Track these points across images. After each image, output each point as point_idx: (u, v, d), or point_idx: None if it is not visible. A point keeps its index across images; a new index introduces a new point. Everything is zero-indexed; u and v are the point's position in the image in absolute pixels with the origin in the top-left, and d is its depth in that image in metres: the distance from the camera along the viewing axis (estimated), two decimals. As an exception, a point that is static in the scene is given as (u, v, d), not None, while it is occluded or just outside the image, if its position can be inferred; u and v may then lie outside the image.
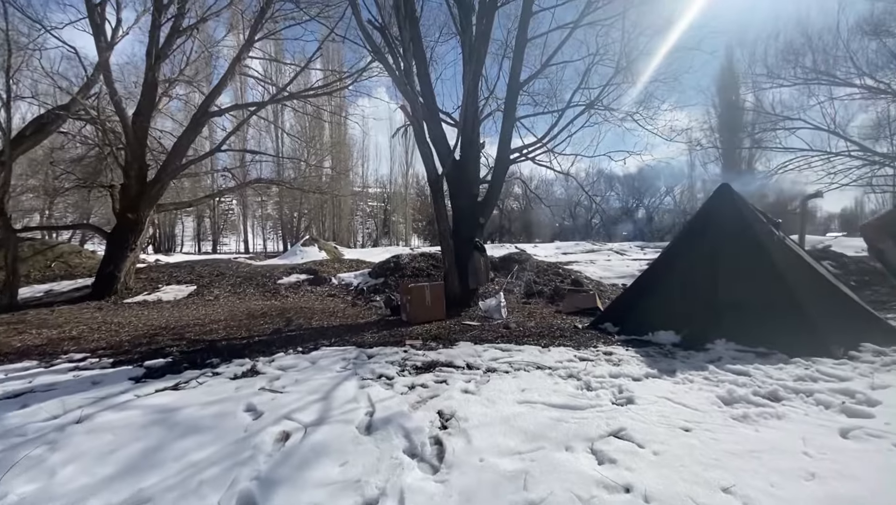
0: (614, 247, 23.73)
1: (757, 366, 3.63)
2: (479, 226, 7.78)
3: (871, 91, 11.03)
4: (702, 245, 5.10)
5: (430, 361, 4.18)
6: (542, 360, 4.12)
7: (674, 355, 4.19)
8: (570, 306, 7.50)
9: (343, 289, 10.29)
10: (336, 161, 24.03)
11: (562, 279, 10.75)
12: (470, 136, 7.80)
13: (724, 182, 5.39)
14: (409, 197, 40.47)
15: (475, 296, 7.72)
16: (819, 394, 2.98)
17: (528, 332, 5.54)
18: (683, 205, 48.87)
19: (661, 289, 5.30)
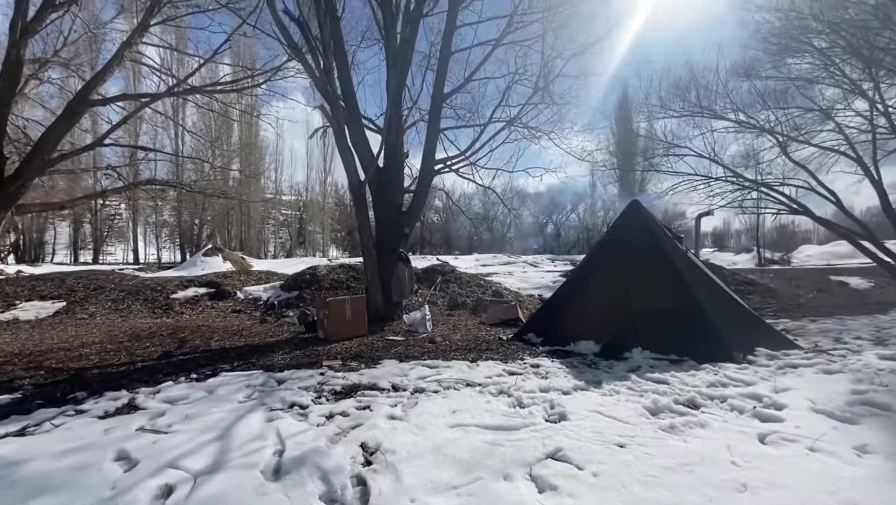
0: (528, 259, 24.80)
1: (673, 374, 3.77)
2: (403, 236, 7.49)
3: (741, 125, 12.72)
4: (617, 258, 5.31)
5: (351, 384, 3.76)
6: (471, 376, 3.91)
7: (597, 366, 4.24)
8: (494, 318, 7.48)
9: (250, 304, 9.32)
10: (246, 164, 22.24)
11: (483, 291, 10.80)
12: (394, 144, 7.52)
13: (634, 199, 5.72)
14: (328, 206, 38.88)
15: (399, 309, 7.38)
16: (732, 399, 3.13)
17: (454, 345, 5.33)
18: (586, 221, 53.04)
19: (580, 300, 5.42)
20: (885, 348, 4.32)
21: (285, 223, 40.23)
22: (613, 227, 5.71)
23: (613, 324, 4.86)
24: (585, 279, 5.57)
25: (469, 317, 8.34)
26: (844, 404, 2.95)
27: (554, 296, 5.94)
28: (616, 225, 5.70)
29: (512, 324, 7.21)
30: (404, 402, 3.31)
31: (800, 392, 3.19)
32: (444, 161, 8.65)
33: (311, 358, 4.83)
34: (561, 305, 5.61)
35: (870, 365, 3.71)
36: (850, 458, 2.31)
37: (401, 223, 7.50)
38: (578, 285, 5.61)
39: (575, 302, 5.44)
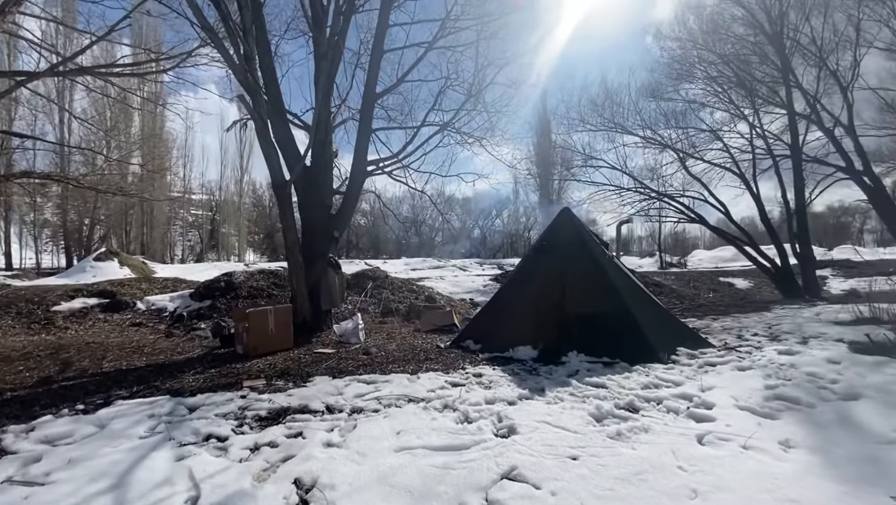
0: (458, 263, 25.03)
1: (609, 377, 3.85)
2: (333, 240, 7.03)
3: (648, 141, 13.89)
4: (550, 263, 5.39)
5: (278, 407, 3.33)
6: (413, 390, 3.67)
7: (537, 372, 4.22)
8: (429, 324, 7.29)
9: (154, 315, 8.21)
10: (148, 158, 19.87)
11: (416, 296, 10.58)
12: (322, 141, 7.05)
13: (565, 207, 5.87)
14: (244, 206, 36.10)
15: (328, 318, 6.90)
16: (667, 401, 3.23)
17: (391, 356, 5.04)
18: (510, 227, 55.13)
19: (516, 306, 5.42)
20: (780, 344, 4.82)
21: (195, 224, 36.73)
22: (546, 234, 5.81)
23: (549, 329, 4.91)
24: (520, 285, 5.59)
25: (403, 324, 8.07)
26: (762, 400, 3.17)
27: (491, 302, 5.90)
28: (548, 231, 5.80)
29: (447, 330, 7.07)
30: (342, 425, 2.99)
31: (723, 390, 3.39)
32: (377, 162, 8.32)
33: (230, 378, 4.27)
34: (498, 311, 5.58)
35: (773, 361, 4.09)
36: (778, 454, 2.44)
37: (331, 226, 7.04)
38: (514, 291, 5.62)
39: (511, 308, 5.43)
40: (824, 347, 4.44)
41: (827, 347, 4.48)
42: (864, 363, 3.82)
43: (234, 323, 5.79)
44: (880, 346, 4.23)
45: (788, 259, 12.17)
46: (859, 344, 4.44)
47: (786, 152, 12.44)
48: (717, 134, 13.77)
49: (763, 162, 13.28)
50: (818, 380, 3.48)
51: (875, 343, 4.28)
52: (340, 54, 7.24)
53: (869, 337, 4.38)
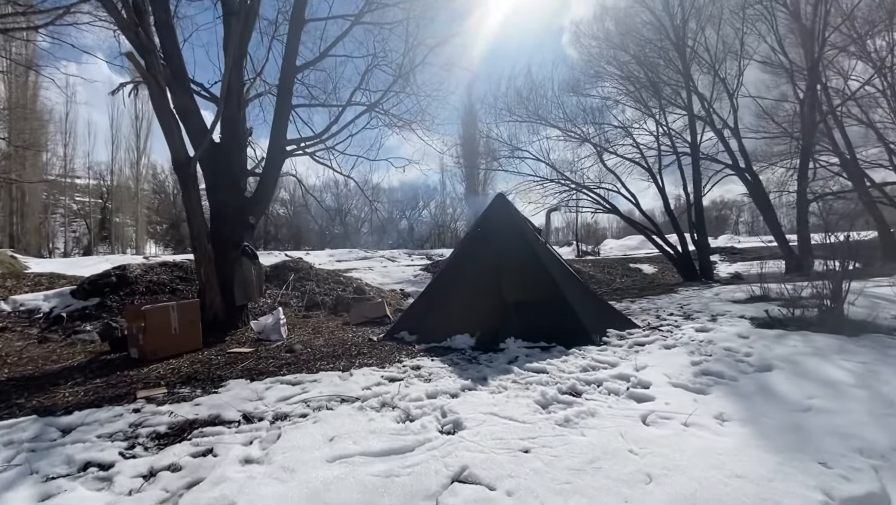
0: (385, 254, 24.49)
1: (549, 361, 3.80)
2: (248, 227, 6.30)
3: (568, 134, 14.47)
4: (486, 250, 5.27)
5: (182, 420, 2.79)
6: (346, 389, 3.30)
7: (477, 360, 4.06)
8: (359, 316, 6.86)
9: (23, 318, 6.84)
10: (16, 133, 16.71)
11: (343, 288, 10.02)
12: (234, 116, 6.25)
13: (500, 193, 5.78)
14: (142, 193, 32.10)
15: (244, 314, 6.19)
16: (606, 383, 3.22)
17: (319, 353, 4.59)
18: (437, 218, 55.42)
19: (453, 294, 5.23)
20: (695, 322, 5.16)
21: (82, 213, 31.96)
22: (481, 220, 5.68)
23: (487, 316, 4.78)
24: (456, 273, 5.41)
25: (330, 317, 7.55)
26: (692, 376, 3.29)
27: (426, 292, 5.65)
28: (483, 218, 5.67)
29: (379, 322, 6.71)
30: (262, 436, 2.55)
31: (656, 368, 3.48)
32: (298, 142, 7.64)
33: (120, 389, 3.57)
34: (433, 300, 5.35)
35: (693, 338, 4.33)
36: (716, 428, 2.49)
37: (246, 211, 6.29)
38: (450, 280, 5.42)
39: (447, 297, 5.23)
40: (732, 324, 4.81)
41: (734, 323, 4.87)
42: (767, 336, 4.17)
43: (127, 323, 4.92)
44: (777, 320, 4.68)
45: (688, 246, 13.42)
46: (759, 319, 4.88)
47: (686, 150, 13.64)
48: (628, 130, 14.74)
49: (666, 157, 14.50)
50: (734, 354, 3.72)
51: (772, 318, 4.72)
52: (255, 15, 6.44)
53: (767, 313, 4.83)
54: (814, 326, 4.36)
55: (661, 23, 13.04)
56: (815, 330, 4.25)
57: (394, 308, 8.00)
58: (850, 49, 13.40)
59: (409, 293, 11.60)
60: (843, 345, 3.75)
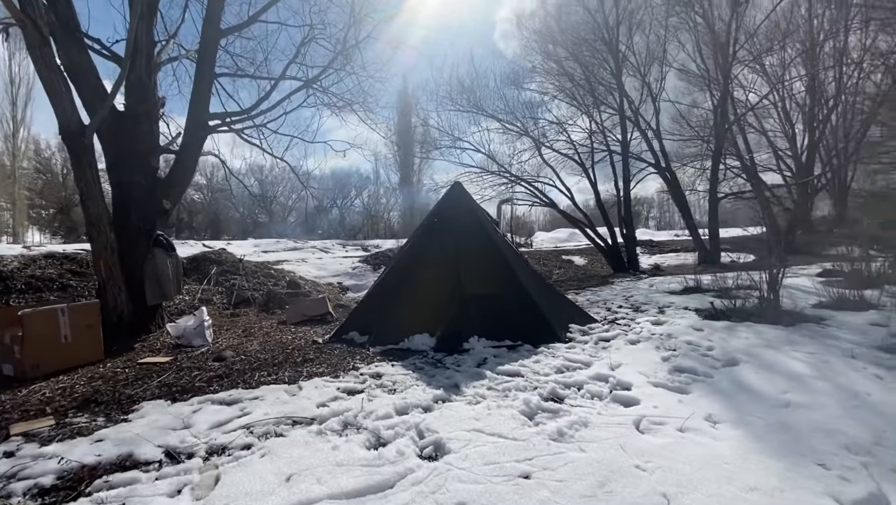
0: (317, 245, 23.17)
1: (521, 363, 3.54)
2: (162, 213, 5.33)
3: (508, 127, 14.50)
4: (444, 242, 4.90)
5: (78, 466, 2.10)
6: (297, 407, 2.77)
7: (443, 364, 3.69)
8: (297, 315, 6.17)
9: None
10: None
11: (275, 281, 9.13)
12: (142, 80, 5.22)
13: (456, 181, 5.43)
14: (22, 172, 27.27)
15: (159, 315, 5.26)
16: (587, 385, 3.03)
17: (255, 361, 3.93)
18: (370, 208, 54.03)
19: (407, 289, 4.80)
20: (646, 315, 5.22)
21: (-64, 193, 26.40)
22: (437, 210, 5.29)
23: (447, 313, 4.43)
24: (411, 266, 4.98)
25: (261, 315, 6.75)
26: (667, 374, 3.21)
27: (377, 286, 5.15)
28: (440, 207, 5.29)
29: (320, 320, 6.09)
30: (194, 480, 1.98)
31: (630, 367, 3.36)
32: (222, 117, 6.67)
33: (-17, 422, 2.71)
34: (386, 296, 4.88)
35: (653, 332, 4.33)
36: (711, 432, 2.37)
37: (158, 194, 5.31)
38: (404, 273, 4.98)
39: (402, 292, 4.78)
40: (682, 316, 4.93)
41: (683, 315, 4.98)
42: (718, 329, 4.28)
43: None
44: (721, 312, 4.87)
45: (617, 239, 14.12)
46: (705, 311, 5.06)
47: (617, 148, 14.28)
48: (562, 126, 15.13)
49: (598, 154, 15.11)
50: (698, 348, 3.73)
51: (717, 310, 4.91)
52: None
53: (713, 305, 5.01)
54: (754, 316, 4.57)
55: (596, 22, 13.42)
56: (757, 321, 4.45)
57: (334, 304, 7.37)
58: (753, 64, 14.85)
59: (348, 287, 10.94)
60: (788, 336, 3.92)
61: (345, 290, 10.77)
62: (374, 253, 13.79)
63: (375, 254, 13.53)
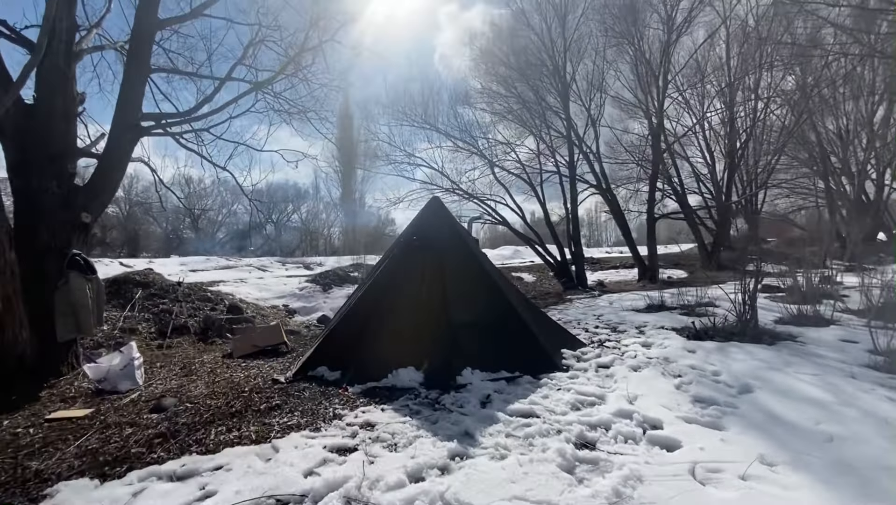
0: (253, 263, 21.50)
1: (532, 400, 3.14)
2: (80, 228, 4.35)
3: (460, 145, 14.45)
4: (426, 263, 4.43)
5: None
6: (279, 480, 2.14)
7: (442, 404, 3.19)
8: (246, 346, 5.33)
9: None
10: None
11: (213, 305, 8.06)
12: (59, 66, 4.29)
13: (434, 196, 5.02)
14: None
15: (72, 353, 4.23)
16: (614, 425, 2.69)
17: (206, 410, 3.17)
18: (309, 223, 51.86)
19: (386, 316, 4.23)
20: (629, 336, 5.07)
21: None
22: (416, 228, 4.81)
23: (434, 343, 3.94)
24: (389, 290, 4.43)
25: (200, 347, 5.81)
26: (690, 406, 2.97)
27: (349, 312, 4.51)
28: (419, 224, 4.82)
29: (272, 351, 5.32)
30: None
31: (647, 398, 3.10)
32: (157, 118, 5.75)
33: None
34: (361, 324, 4.27)
35: (648, 355, 4.14)
36: (774, 478, 2.11)
37: (76, 205, 4.33)
38: (380, 297, 4.42)
39: (380, 319, 4.21)
40: (665, 336, 4.82)
41: (666, 335, 4.89)
42: (711, 350, 4.20)
43: None
44: (703, 332, 4.83)
45: (566, 256, 14.41)
46: (685, 330, 5.03)
47: (565, 171, 14.70)
48: (511, 146, 15.37)
49: (545, 174, 15.49)
50: (704, 373, 3.57)
51: (699, 330, 4.87)
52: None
53: (694, 325, 4.99)
54: (737, 335, 4.58)
55: (544, 45, 13.84)
56: (741, 340, 4.45)
57: (287, 330, 6.55)
58: (679, 98, 16.20)
59: (296, 309, 10.02)
60: (779, 356, 3.90)
61: (292, 312, 9.85)
62: (322, 272, 12.86)
63: (324, 273, 12.63)
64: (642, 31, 14.36)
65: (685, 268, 17.79)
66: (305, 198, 51.88)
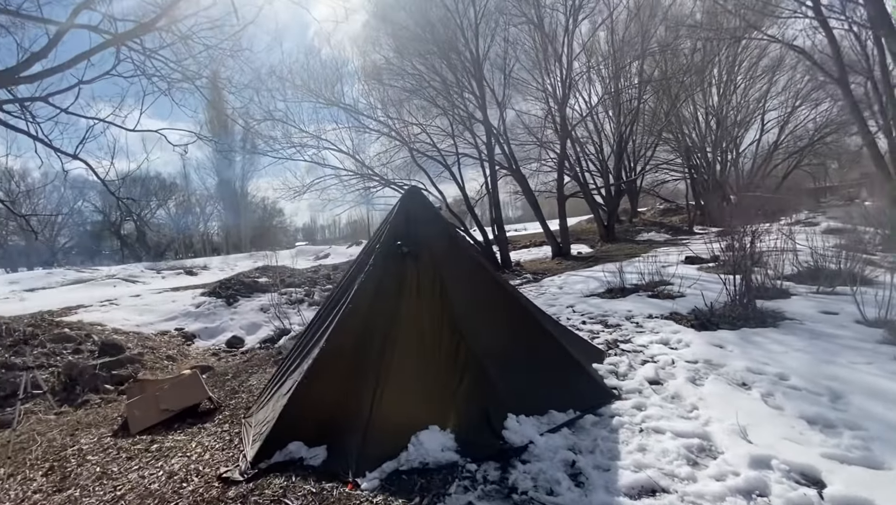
0: (117, 272, 17.36)
1: (636, 460, 2.26)
2: None
3: (366, 124, 13.05)
4: (421, 277, 3.26)
5: None
6: None
7: (522, 492, 2.14)
8: (151, 413, 3.60)
9: None
10: None
11: (76, 346, 5.78)
12: None
13: (412, 186, 3.83)
14: None
15: None
16: (771, 489, 1.98)
17: None
18: (179, 220, 44.81)
19: (385, 352, 2.99)
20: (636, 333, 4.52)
21: None
22: (396, 228, 3.55)
23: (457, 386, 2.86)
24: (375, 316, 3.19)
25: (68, 419, 3.87)
26: (816, 433, 2.39)
27: (324, 353, 3.12)
28: (398, 224, 3.57)
29: (192, 412, 3.72)
30: None
31: (758, 430, 2.45)
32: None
33: None
34: (348, 370, 2.97)
35: (685, 359, 3.59)
36: None
37: None
38: (365, 328, 3.15)
39: (375, 359, 2.97)
40: (673, 329, 4.36)
41: (670, 327, 4.44)
42: (737, 342, 3.80)
43: None
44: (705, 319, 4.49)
45: (489, 239, 14.05)
46: (682, 318, 4.69)
47: (472, 151, 14.15)
48: (424, 129, 14.34)
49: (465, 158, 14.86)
50: (769, 377, 3.07)
51: (705, 318, 4.52)
52: None
53: (696, 311, 4.66)
54: (740, 320, 4.33)
55: (457, 23, 12.93)
56: (752, 325, 4.19)
57: (196, 367, 4.80)
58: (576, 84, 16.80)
59: (196, 333, 7.94)
60: (814, 343, 3.61)
61: (190, 338, 7.79)
62: (224, 281, 10.45)
63: (225, 282, 10.28)
64: (542, 14, 14.29)
65: (586, 242, 18.84)
66: (173, 190, 44.71)
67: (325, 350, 3.06)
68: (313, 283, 10.87)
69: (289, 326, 8.14)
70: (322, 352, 3.06)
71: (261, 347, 7.62)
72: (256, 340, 7.91)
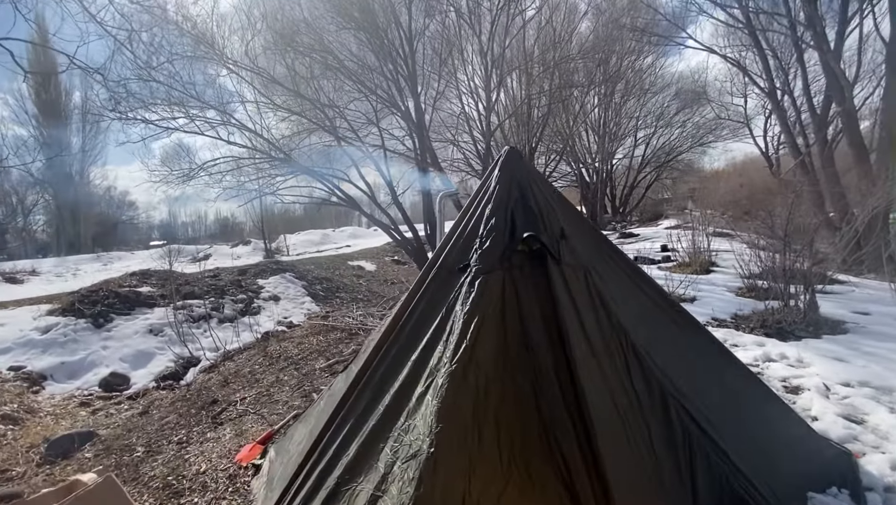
0: None
1: None
2: None
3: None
4: (564, 281, 1.95)
5: None
6: None
7: None
8: None
9: None
10: None
11: None
12: None
13: (511, 147, 2.42)
14: None
15: None
16: None
17: None
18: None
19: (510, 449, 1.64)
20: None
21: None
22: (507, 212, 2.13)
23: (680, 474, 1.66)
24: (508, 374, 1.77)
25: None
26: None
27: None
28: (515, 205, 2.15)
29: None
30: None
31: None
32: None
33: None
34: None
35: (821, 376, 2.95)
36: None
37: None
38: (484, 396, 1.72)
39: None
40: (757, 342, 3.78)
41: (746, 338, 3.87)
42: (844, 353, 3.33)
43: None
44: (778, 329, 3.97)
45: (419, 237, 12.85)
46: (743, 326, 4.16)
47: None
48: (352, 126, 12.44)
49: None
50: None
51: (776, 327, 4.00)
52: None
53: (760, 322, 4.12)
54: (811, 327, 3.92)
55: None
56: (810, 335, 3.81)
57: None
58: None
59: (44, 373, 5.27)
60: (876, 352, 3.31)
61: (37, 382, 5.10)
62: (87, 291, 7.10)
63: (89, 293, 7.02)
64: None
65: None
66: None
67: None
68: (221, 292, 8.31)
69: (197, 353, 5.88)
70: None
71: (161, 387, 5.28)
72: (150, 377, 5.51)
